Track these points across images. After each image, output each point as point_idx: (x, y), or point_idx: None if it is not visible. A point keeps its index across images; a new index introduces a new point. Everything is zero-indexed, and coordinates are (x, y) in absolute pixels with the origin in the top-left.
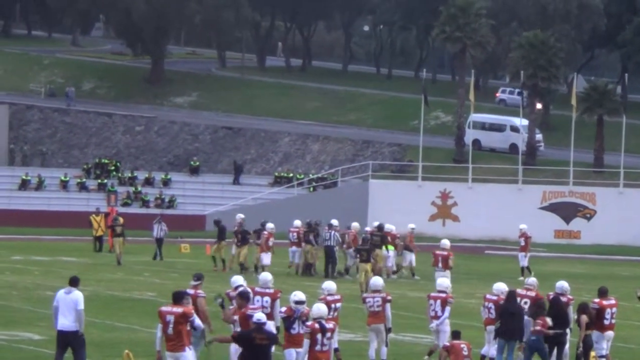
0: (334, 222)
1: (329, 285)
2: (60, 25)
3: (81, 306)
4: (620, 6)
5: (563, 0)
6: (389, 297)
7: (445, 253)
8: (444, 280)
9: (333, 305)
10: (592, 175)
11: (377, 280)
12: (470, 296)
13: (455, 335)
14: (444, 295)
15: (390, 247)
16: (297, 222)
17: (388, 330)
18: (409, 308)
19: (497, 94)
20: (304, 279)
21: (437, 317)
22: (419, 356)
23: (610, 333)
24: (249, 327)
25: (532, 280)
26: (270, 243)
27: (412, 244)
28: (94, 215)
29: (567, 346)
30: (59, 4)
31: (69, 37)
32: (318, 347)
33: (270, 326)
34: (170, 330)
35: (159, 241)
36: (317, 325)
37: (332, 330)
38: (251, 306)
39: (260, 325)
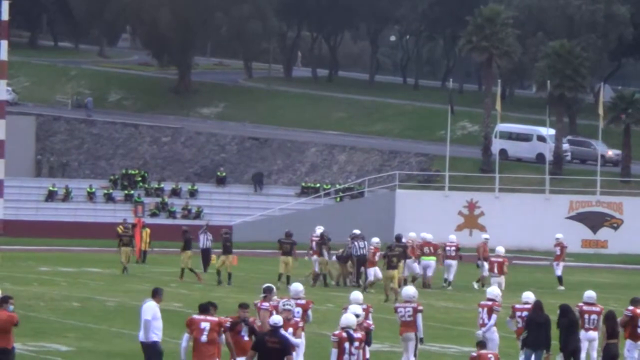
0: (357, 231)
1: (356, 295)
2: (87, 36)
3: (146, 316)
4: None
5: (589, 10)
6: (420, 307)
7: (500, 260)
8: (493, 289)
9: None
10: (619, 185)
11: (408, 290)
12: None
13: (481, 345)
14: (490, 303)
15: (432, 258)
16: (319, 230)
17: (420, 341)
18: (435, 318)
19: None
20: (324, 289)
21: (484, 325)
22: None
23: None
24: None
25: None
26: (377, 258)
27: (485, 254)
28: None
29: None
30: (86, 15)
31: (96, 48)
32: (346, 357)
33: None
34: (204, 338)
35: (205, 252)
36: (344, 334)
37: (361, 340)
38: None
39: (275, 328)
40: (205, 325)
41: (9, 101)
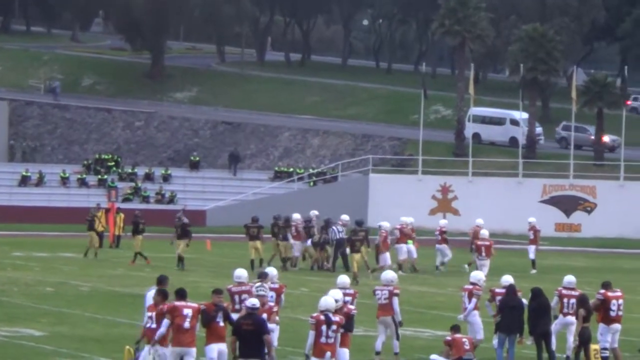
0: (345, 217)
1: (343, 279)
2: (59, 21)
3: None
4: None
5: None
6: (396, 291)
7: (487, 243)
8: (477, 273)
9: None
10: (592, 169)
11: (387, 274)
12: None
13: (455, 329)
14: (471, 287)
15: (409, 242)
16: (297, 216)
17: (399, 324)
18: (410, 302)
19: (629, 102)
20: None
21: (465, 309)
22: (419, 350)
23: (616, 326)
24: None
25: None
26: (389, 242)
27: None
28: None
29: (553, 338)
30: (58, 0)
31: (69, 32)
32: (323, 339)
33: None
34: (187, 325)
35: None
36: (322, 317)
37: (338, 324)
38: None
39: (251, 310)
40: (188, 311)
41: None
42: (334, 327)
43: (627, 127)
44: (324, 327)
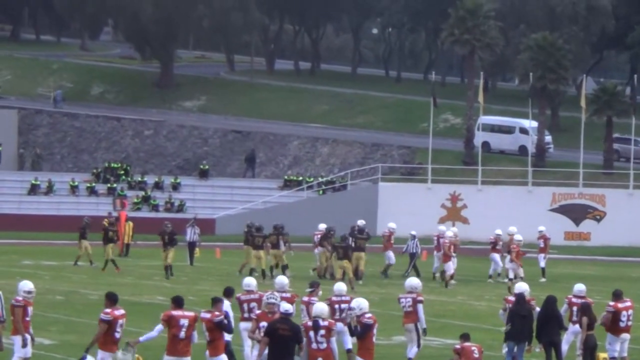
0: (361, 222)
1: (339, 286)
2: (68, 29)
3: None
4: (629, 7)
5: (571, 2)
6: (419, 298)
7: (515, 246)
8: (411, 280)
9: (338, 307)
10: (601, 177)
11: (411, 281)
12: (480, 298)
13: (465, 337)
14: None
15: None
16: (322, 226)
17: (423, 332)
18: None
19: None
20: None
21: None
22: (429, 359)
23: (625, 335)
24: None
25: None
26: (453, 252)
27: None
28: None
29: (565, 347)
30: (67, 9)
31: (78, 41)
32: (314, 345)
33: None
34: (182, 335)
35: (192, 245)
36: (309, 323)
37: (327, 329)
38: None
39: (286, 315)
40: (184, 321)
41: None
42: (323, 331)
43: (636, 136)
44: (311, 333)
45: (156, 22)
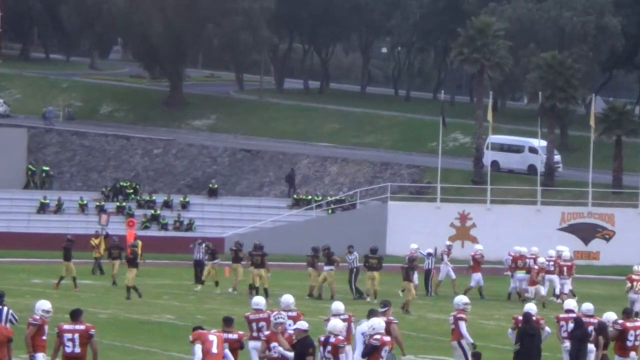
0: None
1: (337, 305)
2: (78, 48)
3: None
4: (639, 27)
5: (581, 22)
6: (459, 315)
7: (569, 263)
8: (570, 302)
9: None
10: (610, 196)
11: (456, 299)
12: (488, 317)
13: (476, 356)
14: (574, 315)
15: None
16: (414, 246)
17: (471, 346)
18: (427, 329)
19: None
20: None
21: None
22: None
23: (633, 355)
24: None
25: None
26: (540, 278)
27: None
28: (93, 238)
29: None
30: (77, 28)
31: (87, 60)
32: None
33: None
34: (215, 350)
35: (198, 264)
36: (321, 339)
37: (334, 345)
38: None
39: (304, 333)
40: (213, 337)
41: (1, 113)
42: (329, 347)
43: None
44: (321, 349)
45: (166, 41)
